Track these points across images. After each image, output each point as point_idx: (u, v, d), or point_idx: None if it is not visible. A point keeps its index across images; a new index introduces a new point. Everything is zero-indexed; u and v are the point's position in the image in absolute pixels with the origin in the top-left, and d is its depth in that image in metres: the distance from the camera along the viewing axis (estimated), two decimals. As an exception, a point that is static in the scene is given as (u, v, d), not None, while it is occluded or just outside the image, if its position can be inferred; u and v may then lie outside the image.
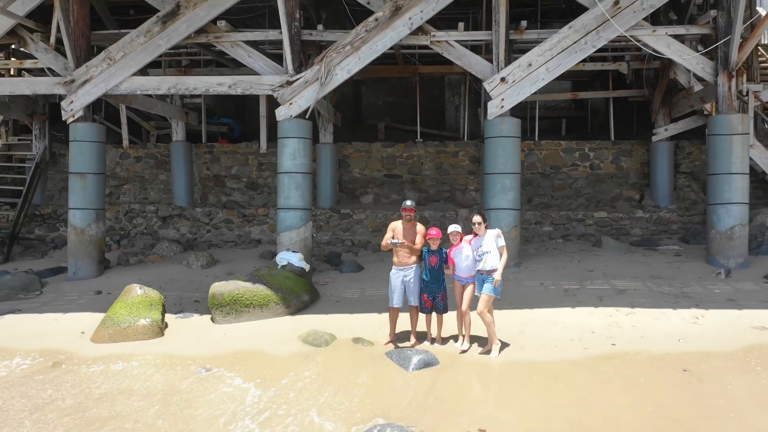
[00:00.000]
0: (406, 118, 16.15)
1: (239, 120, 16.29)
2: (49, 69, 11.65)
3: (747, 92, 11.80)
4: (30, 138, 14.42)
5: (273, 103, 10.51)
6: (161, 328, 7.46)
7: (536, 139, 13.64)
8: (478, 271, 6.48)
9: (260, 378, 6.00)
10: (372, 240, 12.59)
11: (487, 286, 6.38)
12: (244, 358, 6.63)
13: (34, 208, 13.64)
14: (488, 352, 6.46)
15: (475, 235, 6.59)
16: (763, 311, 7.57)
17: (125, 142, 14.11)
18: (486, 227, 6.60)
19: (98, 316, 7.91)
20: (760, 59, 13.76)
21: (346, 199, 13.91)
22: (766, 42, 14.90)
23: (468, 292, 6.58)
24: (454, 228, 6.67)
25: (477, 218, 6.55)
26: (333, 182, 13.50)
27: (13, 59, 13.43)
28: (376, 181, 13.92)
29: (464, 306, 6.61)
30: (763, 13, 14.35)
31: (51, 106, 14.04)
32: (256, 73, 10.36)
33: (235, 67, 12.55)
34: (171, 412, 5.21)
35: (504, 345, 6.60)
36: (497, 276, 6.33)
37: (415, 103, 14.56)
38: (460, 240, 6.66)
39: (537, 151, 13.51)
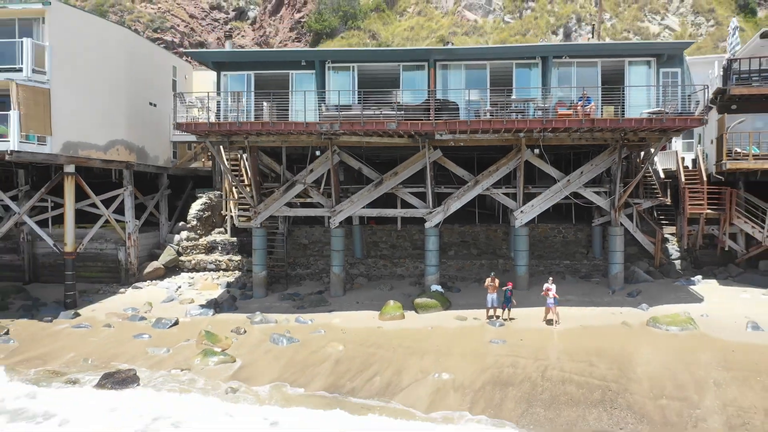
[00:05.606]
0: (464, 203, 29.66)
1: (373, 205, 29.88)
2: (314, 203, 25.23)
3: (633, 204, 25.50)
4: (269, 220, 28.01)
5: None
6: (404, 316, 21.07)
7: (536, 222, 27.22)
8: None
9: (443, 330, 19.57)
10: (457, 275, 26.18)
11: (550, 304, 19.96)
12: (438, 327, 20.16)
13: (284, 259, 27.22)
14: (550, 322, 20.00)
15: (549, 289, 20.02)
16: (619, 308, 21.13)
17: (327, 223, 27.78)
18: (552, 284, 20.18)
19: (369, 312, 21.54)
20: (648, 180, 27.31)
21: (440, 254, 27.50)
22: (658, 167, 28.45)
23: (545, 308, 20.08)
24: (546, 286, 20.24)
25: (554, 286, 20.07)
26: (435, 245, 27.10)
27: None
28: (455, 244, 27.58)
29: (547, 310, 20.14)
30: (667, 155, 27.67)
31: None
32: (413, 206, 24.03)
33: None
34: (441, 337, 18.80)
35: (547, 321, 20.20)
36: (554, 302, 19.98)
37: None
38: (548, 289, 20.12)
39: (536, 229, 27.15)
